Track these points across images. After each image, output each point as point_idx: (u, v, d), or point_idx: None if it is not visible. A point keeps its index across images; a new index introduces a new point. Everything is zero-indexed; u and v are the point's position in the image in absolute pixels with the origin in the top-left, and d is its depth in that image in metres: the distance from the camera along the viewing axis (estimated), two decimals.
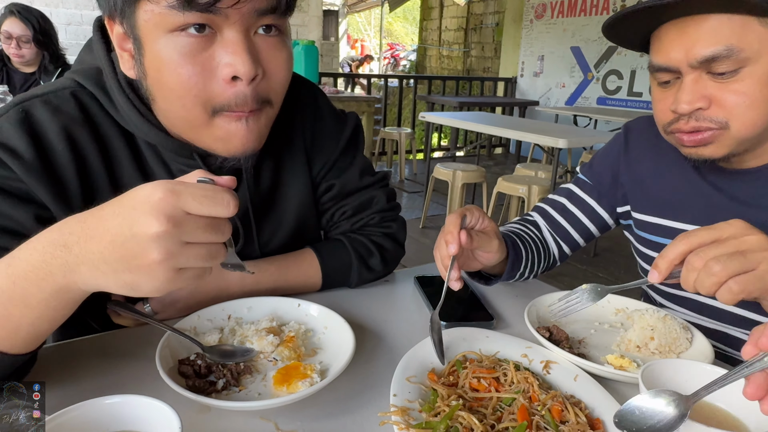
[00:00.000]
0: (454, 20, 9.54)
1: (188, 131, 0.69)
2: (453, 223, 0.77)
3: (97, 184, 0.72)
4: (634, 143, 0.99)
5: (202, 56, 0.61)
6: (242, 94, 0.63)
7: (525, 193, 3.42)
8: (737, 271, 0.58)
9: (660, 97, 0.81)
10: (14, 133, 0.66)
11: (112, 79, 0.70)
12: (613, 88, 6.34)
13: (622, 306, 0.87)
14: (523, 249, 0.95)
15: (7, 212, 0.64)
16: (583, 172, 1.06)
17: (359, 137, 0.97)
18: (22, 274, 0.49)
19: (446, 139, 8.42)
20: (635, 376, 0.62)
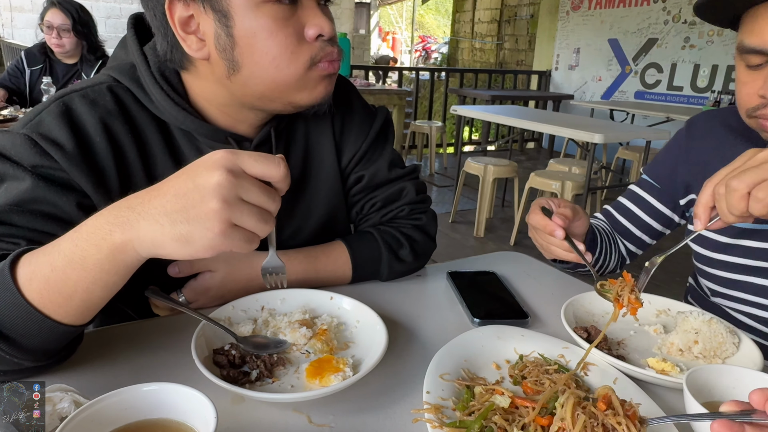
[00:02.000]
0: (487, 12, 9.39)
1: (270, 92, 0.74)
2: (541, 219, 0.83)
3: (132, 172, 0.74)
4: (696, 134, 0.99)
5: (291, 20, 0.70)
6: (328, 45, 0.73)
7: (558, 189, 3.35)
8: (756, 180, 0.60)
9: (747, 79, 0.79)
10: (56, 126, 0.69)
11: (146, 72, 0.74)
12: (652, 81, 6.14)
13: (663, 307, 0.84)
14: (598, 234, 1.01)
15: (52, 199, 0.66)
16: (645, 172, 1.08)
17: (389, 130, 0.98)
18: (84, 235, 0.52)
19: (477, 133, 8.33)
20: (679, 381, 0.60)
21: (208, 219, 0.48)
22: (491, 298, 0.87)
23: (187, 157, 0.78)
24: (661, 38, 5.99)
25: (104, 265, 0.51)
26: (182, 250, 0.49)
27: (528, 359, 0.67)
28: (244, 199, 0.50)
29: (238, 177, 0.49)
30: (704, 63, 5.60)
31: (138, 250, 0.51)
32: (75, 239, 0.52)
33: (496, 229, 4.10)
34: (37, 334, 0.54)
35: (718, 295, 0.94)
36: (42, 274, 0.52)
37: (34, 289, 0.52)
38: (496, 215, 4.42)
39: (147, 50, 0.76)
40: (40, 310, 0.52)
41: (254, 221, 0.50)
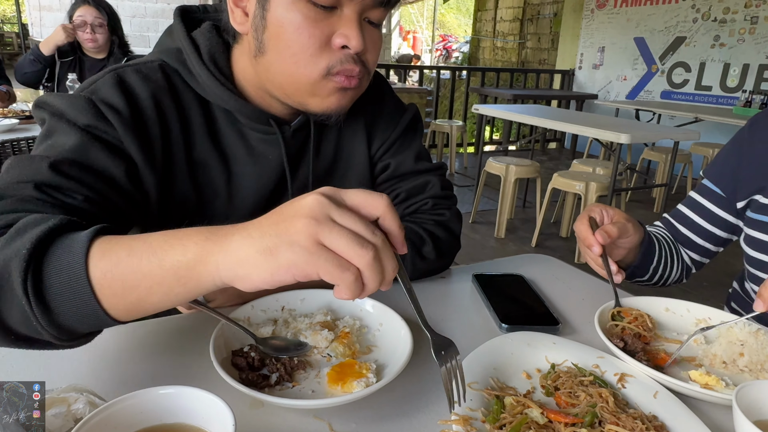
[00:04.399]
0: (509, 11, 9.28)
1: (287, 86, 0.75)
2: (585, 230, 0.84)
3: (174, 149, 0.77)
4: (761, 133, 0.95)
5: (322, 24, 0.69)
6: (350, 58, 0.72)
7: (582, 190, 3.28)
8: None
9: None
10: (113, 93, 0.71)
11: (194, 55, 0.77)
12: (680, 81, 6.00)
13: (703, 316, 0.79)
14: (655, 241, 0.97)
15: (102, 160, 0.67)
16: (705, 175, 1.03)
17: (418, 125, 0.99)
18: (179, 235, 0.49)
19: (498, 132, 8.24)
20: (727, 397, 0.56)
21: (296, 232, 0.44)
22: (519, 302, 0.84)
23: (226, 135, 0.81)
24: (689, 36, 5.84)
25: (180, 270, 0.47)
26: (264, 264, 0.44)
27: (560, 369, 0.64)
28: (337, 221, 0.45)
29: (334, 201, 0.46)
30: (735, 62, 5.45)
31: (219, 268, 0.46)
32: (167, 235, 0.49)
33: (516, 230, 4.04)
34: (76, 313, 0.50)
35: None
36: (117, 254, 0.49)
37: (100, 268, 0.49)
38: (517, 216, 4.36)
39: (196, 35, 0.79)
40: (94, 290, 0.49)
41: (345, 242, 0.44)
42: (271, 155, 0.84)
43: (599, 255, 0.83)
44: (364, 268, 0.44)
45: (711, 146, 4.79)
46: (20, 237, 0.50)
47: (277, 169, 0.85)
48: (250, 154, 0.83)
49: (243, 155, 0.82)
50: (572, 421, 0.53)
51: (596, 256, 0.84)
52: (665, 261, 0.99)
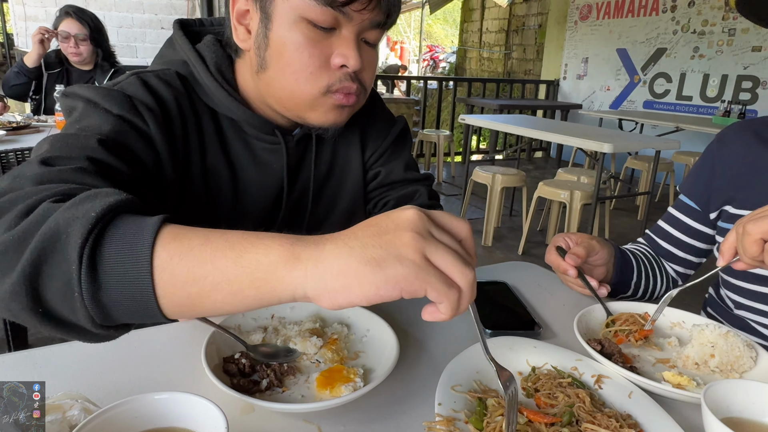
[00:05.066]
0: (495, 22, 9.42)
1: (287, 101, 0.77)
2: (555, 259, 0.90)
3: (191, 153, 0.79)
4: (728, 146, 1.00)
5: (321, 44, 0.72)
6: (348, 77, 0.75)
7: (567, 199, 3.33)
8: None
9: None
10: (143, 92, 0.73)
11: (201, 66, 0.80)
12: (661, 91, 6.12)
13: (678, 320, 0.83)
14: (633, 259, 1.02)
15: (141, 148, 0.69)
16: (681, 190, 1.08)
17: (407, 136, 1.03)
18: (262, 235, 0.45)
19: (485, 142, 8.32)
20: (697, 396, 0.59)
21: (403, 245, 0.42)
22: (502, 308, 0.87)
23: (234, 147, 0.84)
24: (670, 48, 5.98)
25: (259, 271, 0.43)
26: (370, 276, 0.41)
27: (541, 371, 0.66)
28: (437, 238, 0.44)
29: (431, 220, 0.46)
30: (714, 73, 5.58)
31: (308, 277, 0.42)
32: (245, 233, 0.46)
33: (504, 238, 4.09)
34: (124, 294, 0.44)
35: (742, 307, 0.93)
36: (190, 240, 0.45)
37: (168, 249, 0.44)
38: (504, 224, 4.40)
39: (200, 48, 0.81)
40: (154, 273, 0.44)
41: (451, 260, 0.43)
42: (275, 164, 0.87)
43: (576, 277, 0.87)
44: (466, 288, 0.44)
45: (692, 155, 4.89)
46: (90, 202, 0.46)
47: (279, 178, 0.88)
48: (255, 163, 0.86)
49: (248, 164, 0.85)
50: (551, 420, 0.56)
51: (575, 279, 0.88)
52: (647, 275, 1.02)
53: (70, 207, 0.46)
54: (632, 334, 0.77)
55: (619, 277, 0.97)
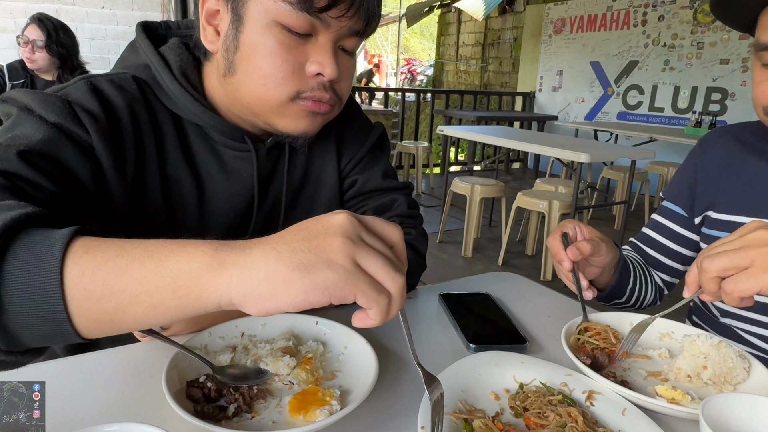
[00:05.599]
0: (471, 35, 9.54)
1: (255, 106, 0.73)
2: (557, 245, 0.84)
3: (148, 163, 0.74)
4: (708, 151, 0.99)
5: (296, 51, 0.69)
6: (322, 86, 0.72)
7: (545, 209, 3.34)
8: (726, 267, 0.58)
9: (763, 78, 0.79)
10: (89, 98, 0.68)
11: (164, 70, 0.75)
12: (634, 103, 6.24)
13: (667, 330, 0.80)
14: (630, 264, 0.98)
15: (73, 160, 0.64)
16: (665, 196, 1.06)
17: (385, 143, 0.99)
18: (182, 243, 0.42)
19: (463, 153, 8.37)
20: (693, 411, 0.56)
21: (333, 250, 0.41)
22: (486, 321, 0.83)
23: (198, 151, 0.79)
24: (641, 61, 6.11)
25: (180, 279, 0.40)
26: (298, 281, 0.40)
27: (529, 388, 0.63)
28: (368, 243, 0.44)
29: (361, 222, 0.45)
30: (684, 85, 5.71)
31: (233, 284, 0.40)
32: (166, 242, 0.43)
33: (483, 249, 4.07)
34: (32, 315, 0.40)
35: (728, 315, 0.91)
36: (104, 253, 0.41)
37: (80, 264, 0.40)
38: (484, 235, 4.40)
39: (164, 51, 0.77)
40: (65, 289, 0.40)
41: (381, 265, 0.43)
42: (244, 173, 0.82)
43: (569, 270, 0.83)
44: (395, 293, 0.43)
45: (666, 165, 4.97)
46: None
47: (249, 187, 0.83)
48: (223, 171, 0.81)
49: (216, 172, 0.80)
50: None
51: (567, 272, 0.84)
52: (640, 283, 1.00)
53: None
54: (598, 350, 0.72)
55: (618, 281, 0.94)
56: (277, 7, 0.66)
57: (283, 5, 0.66)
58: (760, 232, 0.59)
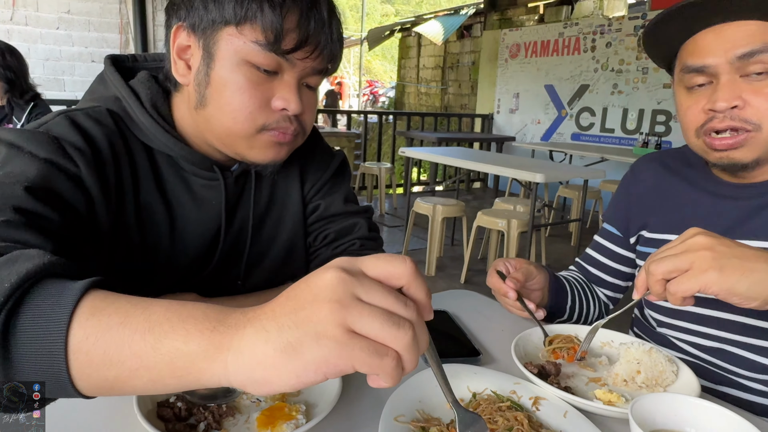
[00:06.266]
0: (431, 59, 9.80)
1: (225, 137, 0.77)
2: (496, 282, 0.93)
3: (126, 189, 0.77)
4: (639, 176, 1.08)
5: (263, 87, 0.73)
6: (287, 119, 0.76)
7: (504, 227, 3.45)
8: (669, 269, 0.65)
9: (691, 102, 0.86)
10: (71, 132, 0.71)
11: (135, 102, 0.78)
12: (587, 124, 6.53)
13: (607, 339, 0.87)
14: (567, 285, 1.06)
15: (69, 192, 0.67)
16: (604, 219, 1.15)
17: (346, 170, 1.04)
18: (182, 315, 0.41)
19: (425, 173, 8.52)
20: (625, 411, 0.62)
21: (320, 321, 0.38)
22: (443, 336, 0.88)
23: (171, 184, 0.82)
24: (592, 84, 6.42)
25: (178, 360, 0.40)
26: (288, 365, 0.37)
27: (481, 397, 0.68)
28: (364, 299, 0.39)
29: (356, 275, 0.40)
30: (632, 107, 6.03)
31: (229, 370, 0.39)
32: (170, 309, 0.42)
33: (446, 267, 4.16)
34: (36, 372, 0.41)
35: (663, 325, 0.99)
36: (108, 318, 0.41)
37: (85, 328, 0.41)
38: (446, 254, 4.48)
39: (134, 84, 0.80)
40: (69, 352, 0.40)
41: (380, 324, 0.38)
42: (213, 200, 0.86)
43: (515, 299, 0.90)
44: (403, 351, 0.38)
45: (616, 183, 5.21)
46: (8, 269, 0.44)
47: (217, 214, 0.87)
48: (193, 200, 0.84)
49: (186, 200, 0.84)
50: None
51: (514, 302, 0.91)
52: (580, 300, 1.08)
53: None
54: (567, 350, 0.80)
55: (555, 301, 1.02)
56: (247, 47, 0.70)
57: (252, 46, 0.70)
58: (698, 238, 0.66)
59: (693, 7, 0.78)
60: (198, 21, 0.73)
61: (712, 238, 0.65)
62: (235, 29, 0.70)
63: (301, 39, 0.71)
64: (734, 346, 0.89)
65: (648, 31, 0.86)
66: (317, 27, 0.73)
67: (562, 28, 6.68)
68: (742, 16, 0.77)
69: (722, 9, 0.77)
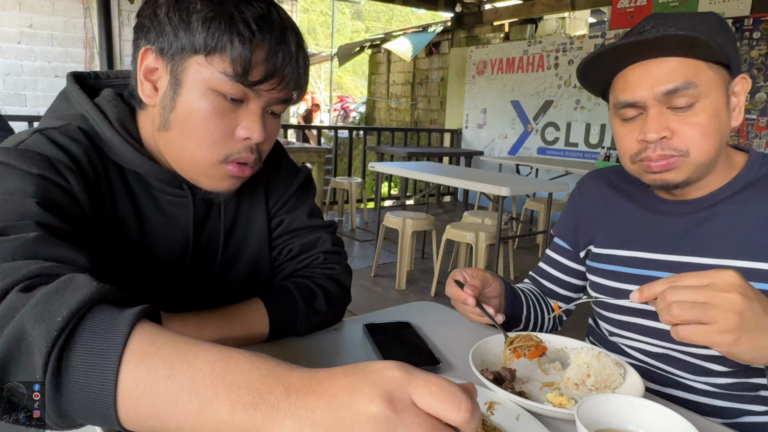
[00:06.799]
0: (401, 75, 9.95)
1: (184, 162, 0.79)
2: (455, 290, 0.95)
3: (104, 203, 0.78)
4: (585, 193, 1.13)
5: (228, 116, 0.75)
6: (249, 149, 0.78)
7: (473, 240, 3.51)
8: (690, 321, 0.63)
9: (625, 132, 0.91)
10: (53, 149, 0.71)
11: (103, 121, 0.78)
12: (552, 139, 6.72)
13: (561, 346, 0.91)
14: (522, 295, 1.10)
15: (69, 205, 0.68)
16: (554, 233, 1.20)
17: (311, 185, 1.06)
18: (227, 381, 0.42)
19: (396, 188, 8.60)
20: (572, 412, 0.65)
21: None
22: (405, 347, 0.91)
23: (141, 200, 0.83)
24: (556, 100, 6.62)
25: (222, 430, 0.41)
26: None
27: None
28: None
29: (401, 412, 0.38)
30: (594, 122, 6.24)
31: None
32: (216, 365, 0.42)
33: (417, 280, 4.19)
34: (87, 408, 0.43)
35: (614, 335, 1.04)
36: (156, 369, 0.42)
37: (134, 375, 0.42)
38: (417, 267, 4.52)
39: (100, 102, 0.80)
40: (117, 397, 0.42)
41: None
42: (182, 217, 0.87)
43: (475, 305, 0.93)
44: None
45: None
46: (58, 299, 0.45)
47: (186, 230, 0.88)
48: (162, 216, 0.85)
49: (156, 216, 0.85)
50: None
51: (473, 309, 0.94)
52: (535, 310, 1.12)
53: (38, 304, 0.45)
54: (527, 348, 0.83)
55: (511, 309, 1.06)
56: (215, 77, 0.72)
57: (220, 76, 0.72)
58: (733, 296, 0.61)
59: (619, 49, 0.85)
60: (167, 46, 0.74)
61: (745, 300, 0.61)
62: (204, 59, 0.72)
63: (269, 72, 0.73)
64: (680, 353, 0.94)
65: (581, 68, 0.92)
66: (285, 60, 0.75)
67: (527, 45, 6.89)
68: (664, 54, 0.84)
69: (645, 49, 0.84)
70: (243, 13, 0.71)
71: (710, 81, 0.84)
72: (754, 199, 0.89)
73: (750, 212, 0.89)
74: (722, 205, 0.92)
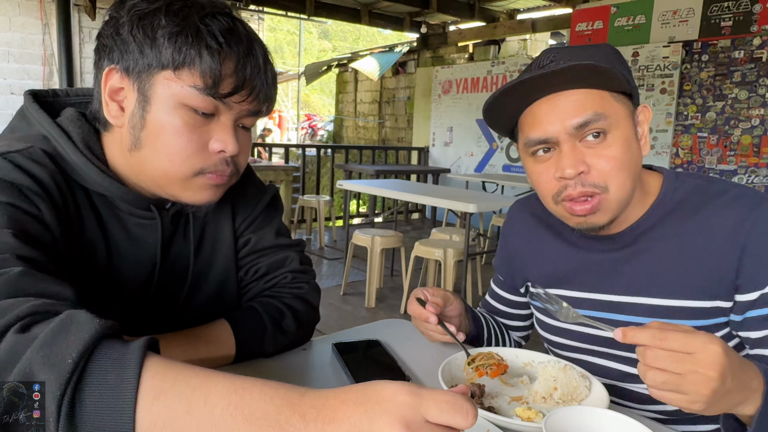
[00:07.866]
0: (368, 93, 10.04)
1: (160, 179, 0.77)
2: (417, 308, 0.96)
3: (72, 227, 0.76)
4: (513, 226, 1.12)
5: (200, 130, 0.74)
6: (224, 161, 0.78)
7: (441, 257, 3.54)
8: (666, 389, 0.63)
9: (540, 170, 0.87)
10: (19, 174, 0.68)
11: (66, 142, 0.76)
12: (516, 156, 6.87)
13: (528, 359, 0.92)
14: (482, 317, 1.11)
15: (41, 233, 0.66)
16: (494, 267, 1.18)
17: (278, 203, 1.05)
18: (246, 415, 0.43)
19: (365, 205, 8.60)
20: (540, 426, 0.66)
21: None
22: (374, 364, 0.90)
23: (108, 223, 0.81)
24: None
25: None
26: None
27: None
28: None
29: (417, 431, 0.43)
30: None
31: None
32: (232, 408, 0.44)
33: (386, 298, 4.18)
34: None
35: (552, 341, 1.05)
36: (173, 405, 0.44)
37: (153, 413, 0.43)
38: (386, 284, 4.52)
39: (62, 122, 0.78)
40: None
41: None
42: (150, 238, 0.85)
43: (437, 323, 0.93)
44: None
45: None
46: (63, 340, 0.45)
47: (153, 252, 0.86)
48: (129, 238, 0.83)
49: (123, 239, 0.83)
50: None
51: (435, 327, 0.94)
52: (496, 333, 1.13)
53: (43, 347, 0.44)
54: (489, 367, 0.83)
55: (475, 329, 1.06)
56: (185, 91, 0.71)
57: (190, 90, 0.71)
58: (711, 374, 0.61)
59: (524, 84, 0.81)
60: (132, 64, 0.73)
61: (721, 379, 0.61)
62: (173, 73, 0.71)
63: (238, 83, 0.74)
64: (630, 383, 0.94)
65: (487, 107, 0.88)
66: (253, 72, 0.75)
67: (490, 66, 7.06)
68: (569, 86, 0.81)
69: (550, 83, 0.81)
70: (209, 26, 0.71)
71: (617, 111, 0.82)
72: (671, 234, 0.88)
73: (669, 248, 0.87)
74: (642, 241, 0.90)
